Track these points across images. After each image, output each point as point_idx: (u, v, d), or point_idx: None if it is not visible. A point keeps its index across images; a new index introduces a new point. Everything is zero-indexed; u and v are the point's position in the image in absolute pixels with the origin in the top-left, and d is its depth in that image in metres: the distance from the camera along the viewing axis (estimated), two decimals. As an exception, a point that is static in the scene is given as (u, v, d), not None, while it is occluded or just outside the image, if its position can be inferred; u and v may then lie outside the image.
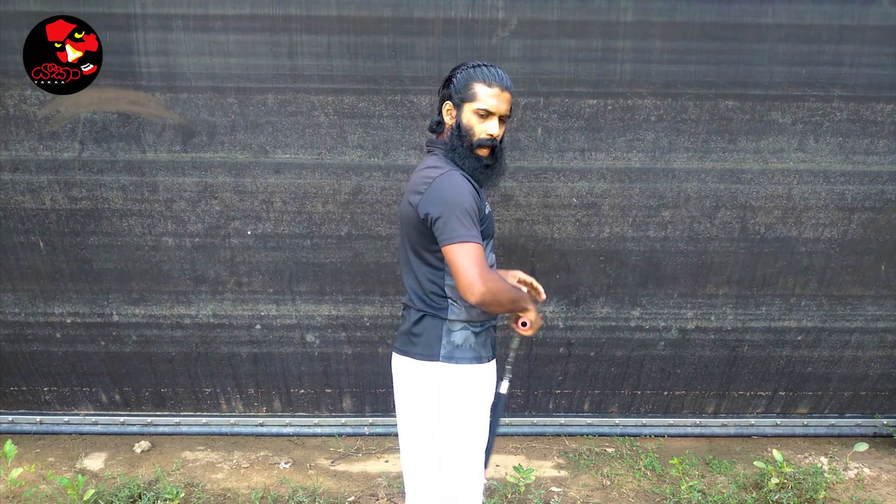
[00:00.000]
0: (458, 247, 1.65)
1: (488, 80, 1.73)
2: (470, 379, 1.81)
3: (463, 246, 1.65)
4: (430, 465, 1.89)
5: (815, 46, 2.62)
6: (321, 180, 2.78)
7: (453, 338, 1.80)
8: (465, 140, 1.76)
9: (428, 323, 1.81)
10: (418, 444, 1.90)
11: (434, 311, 1.80)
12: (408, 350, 1.85)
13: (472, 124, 1.75)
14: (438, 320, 1.80)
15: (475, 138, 1.76)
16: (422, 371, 1.82)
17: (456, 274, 1.67)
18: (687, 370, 3.19)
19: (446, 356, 1.79)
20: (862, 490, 2.91)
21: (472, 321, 1.81)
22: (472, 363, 1.81)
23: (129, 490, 2.72)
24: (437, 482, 1.88)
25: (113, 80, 2.61)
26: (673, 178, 2.81)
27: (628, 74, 2.65)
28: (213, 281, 2.95)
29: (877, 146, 2.77)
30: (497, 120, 1.77)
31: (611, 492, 2.87)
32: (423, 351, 1.81)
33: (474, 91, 1.74)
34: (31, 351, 3.08)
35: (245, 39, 2.58)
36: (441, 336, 1.80)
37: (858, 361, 3.19)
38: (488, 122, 1.75)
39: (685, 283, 2.99)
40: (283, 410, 3.28)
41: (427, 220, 1.71)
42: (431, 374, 1.81)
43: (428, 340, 1.80)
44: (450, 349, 1.79)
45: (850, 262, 2.96)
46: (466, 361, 1.80)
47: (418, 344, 1.82)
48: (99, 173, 2.75)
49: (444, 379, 1.80)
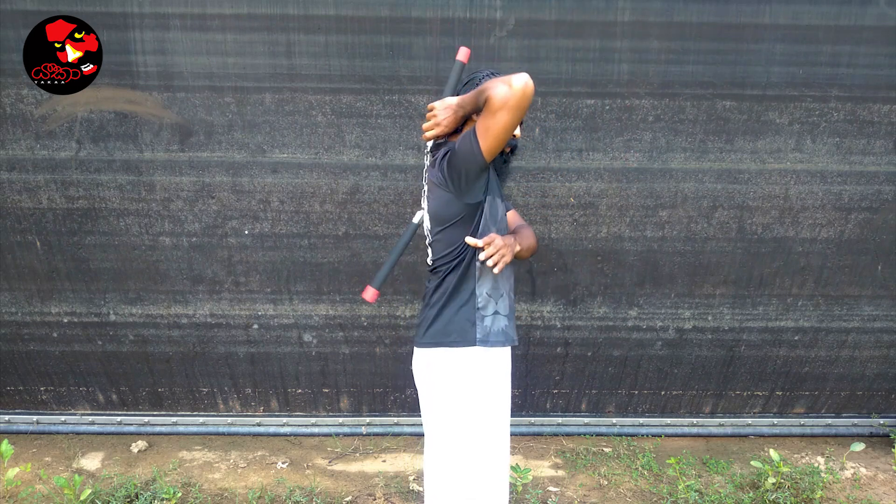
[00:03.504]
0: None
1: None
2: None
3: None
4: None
5: (813, 47, 2.62)
6: (319, 180, 2.78)
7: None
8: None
9: None
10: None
11: None
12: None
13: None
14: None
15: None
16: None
17: (488, 108, 1.68)
18: (684, 370, 3.20)
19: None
20: (858, 490, 2.92)
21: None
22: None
23: (125, 490, 2.71)
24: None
25: (110, 79, 2.60)
26: (670, 178, 2.81)
27: (626, 74, 2.65)
28: (211, 280, 2.95)
29: (873, 146, 2.77)
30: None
31: (608, 491, 2.88)
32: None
33: None
34: (27, 350, 3.07)
35: (242, 39, 2.58)
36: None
37: (855, 361, 3.19)
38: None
39: (682, 283, 3.00)
40: (280, 410, 3.28)
41: (447, 179, 1.81)
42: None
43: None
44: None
45: (846, 263, 2.97)
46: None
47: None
48: (96, 172, 2.75)
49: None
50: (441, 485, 1.90)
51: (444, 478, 1.89)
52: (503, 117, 1.65)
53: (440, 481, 1.90)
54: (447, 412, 1.88)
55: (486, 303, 1.88)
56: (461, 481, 1.86)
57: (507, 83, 1.63)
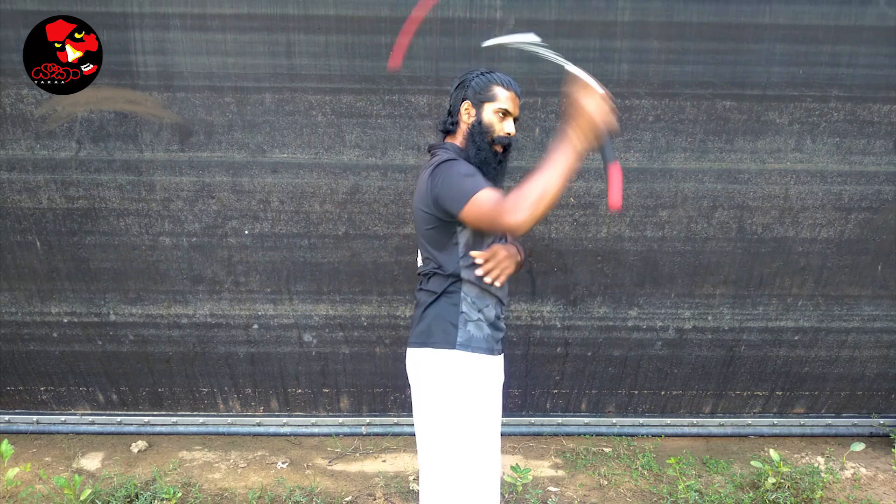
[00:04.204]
0: (471, 203, 1.68)
1: (506, 84, 1.87)
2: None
3: (474, 200, 1.67)
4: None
5: (813, 47, 2.62)
6: (319, 180, 2.78)
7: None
8: (487, 136, 1.86)
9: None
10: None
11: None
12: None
13: (493, 122, 1.86)
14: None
15: (496, 135, 1.86)
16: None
17: (489, 226, 1.68)
18: (684, 370, 3.20)
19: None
20: (858, 490, 2.92)
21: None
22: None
23: (125, 490, 2.71)
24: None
25: (110, 79, 2.60)
26: (670, 178, 2.81)
27: (626, 74, 2.65)
28: (211, 280, 2.94)
29: (873, 146, 2.77)
30: (512, 120, 1.89)
31: (608, 491, 2.88)
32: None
33: (494, 93, 1.86)
34: (27, 350, 3.07)
35: (242, 39, 2.58)
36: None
37: (855, 361, 3.19)
38: (507, 121, 1.88)
39: (682, 283, 3.00)
40: (280, 410, 3.28)
41: (427, 193, 1.78)
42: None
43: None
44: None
45: (846, 263, 2.97)
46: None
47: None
48: (96, 172, 2.75)
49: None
50: (429, 486, 1.89)
51: (431, 479, 1.88)
52: (491, 227, 1.67)
53: (429, 483, 1.89)
54: (430, 413, 1.87)
55: (470, 309, 1.85)
56: (446, 484, 1.84)
57: (516, 226, 1.56)
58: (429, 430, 1.88)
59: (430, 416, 1.87)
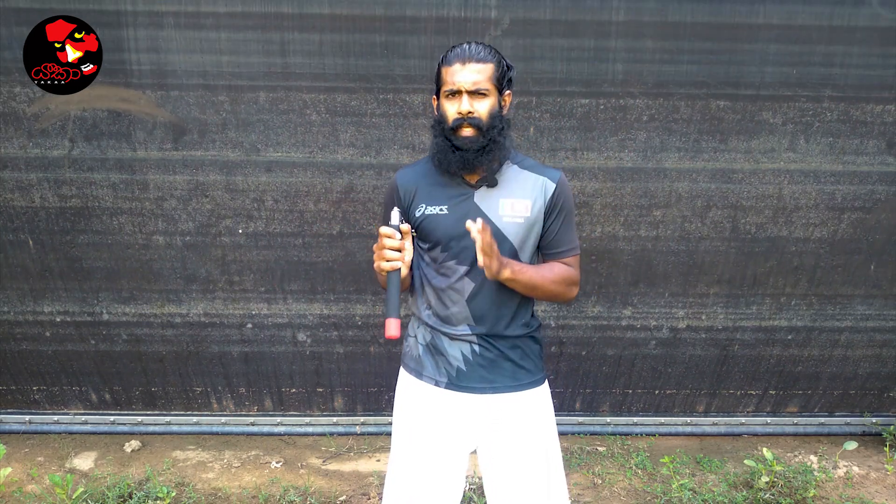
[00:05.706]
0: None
1: (449, 59, 1.62)
2: None
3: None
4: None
5: (806, 47, 2.63)
6: (313, 179, 2.78)
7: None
8: (443, 126, 1.66)
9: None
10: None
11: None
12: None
13: (445, 108, 1.65)
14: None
15: (449, 122, 1.64)
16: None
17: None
18: (678, 369, 3.20)
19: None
20: (851, 488, 2.93)
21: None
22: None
23: (119, 489, 2.70)
24: None
25: (103, 77, 2.59)
26: (664, 178, 2.82)
27: (620, 74, 2.65)
28: (204, 280, 2.94)
29: (866, 146, 2.78)
30: (467, 97, 1.60)
31: (602, 490, 2.88)
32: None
33: (441, 75, 1.65)
34: (20, 350, 3.06)
35: (236, 37, 2.57)
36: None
37: (848, 360, 3.21)
38: (457, 100, 1.62)
39: (676, 283, 3.00)
40: (274, 410, 3.27)
41: None
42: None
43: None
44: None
45: (839, 262, 2.98)
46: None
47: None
48: (89, 171, 2.74)
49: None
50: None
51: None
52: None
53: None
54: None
55: (413, 323, 1.86)
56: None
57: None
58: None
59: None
